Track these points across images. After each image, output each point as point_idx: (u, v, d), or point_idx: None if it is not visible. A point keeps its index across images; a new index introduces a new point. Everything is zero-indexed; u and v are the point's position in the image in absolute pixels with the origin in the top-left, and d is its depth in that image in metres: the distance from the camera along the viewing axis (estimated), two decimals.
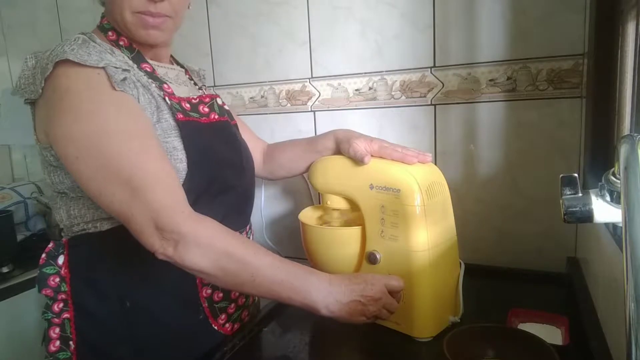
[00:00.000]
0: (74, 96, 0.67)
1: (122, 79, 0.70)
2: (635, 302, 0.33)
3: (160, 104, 0.76)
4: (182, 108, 0.79)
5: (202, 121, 0.82)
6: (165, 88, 0.79)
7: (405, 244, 0.77)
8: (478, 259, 1.08)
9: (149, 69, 0.80)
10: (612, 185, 0.49)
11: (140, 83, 0.75)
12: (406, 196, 0.76)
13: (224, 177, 0.82)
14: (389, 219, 0.78)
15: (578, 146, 1.00)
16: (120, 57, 0.77)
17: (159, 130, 0.74)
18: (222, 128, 0.87)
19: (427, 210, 0.76)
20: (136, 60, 0.79)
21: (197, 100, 0.83)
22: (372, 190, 0.80)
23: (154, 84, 0.78)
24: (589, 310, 0.75)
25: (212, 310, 0.81)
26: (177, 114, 0.77)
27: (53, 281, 0.77)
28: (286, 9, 1.24)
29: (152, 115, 0.74)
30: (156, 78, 0.80)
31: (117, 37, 0.80)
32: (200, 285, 0.79)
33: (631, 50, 0.75)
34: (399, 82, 1.15)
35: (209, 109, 0.85)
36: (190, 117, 0.79)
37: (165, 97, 0.77)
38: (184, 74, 0.92)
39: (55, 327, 0.77)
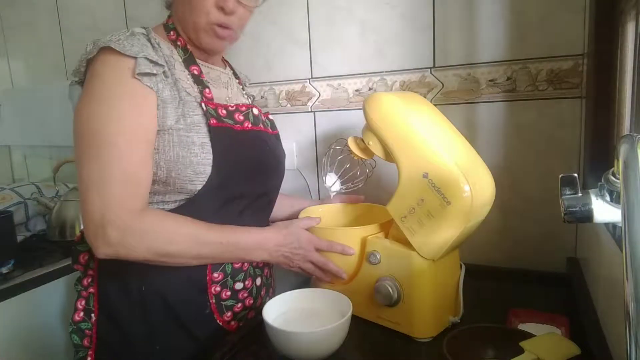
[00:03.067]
0: (99, 80, 0.74)
1: (149, 72, 0.74)
2: (635, 302, 0.33)
3: (188, 101, 0.80)
4: (218, 114, 0.82)
5: (236, 128, 0.85)
6: (206, 93, 0.83)
7: (417, 244, 0.77)
8: (478, 259, 1.08)
9: (197, 72, 0.85)
10: (612, 185, 0.49)
11: (174, 79, 0.79)
12: (452, 214, 0.73)
13: (247, 183, 0.86)
14: (420, 214, 0.76)
15: (578, 146, 1.00)
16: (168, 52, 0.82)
17: (182, 123, 0.78)
18: (255, 136, 0.89)
19: (460, 233, 0.75)
20: (187, 61, 0.84)
21: (234, 108, 0.87)
22: (424, 179, 0.75)
23: (197, 88, 0.83)
24: (589, 310, 0.76)
25: (218, 306, 0.83)
26: (211, 120, 0.80)
27: (83, 258, 0.85)
28: (286, 9, 1.24)
29: (176, 110, 0.78)
30: (200, 82, 0.84)
31: (177, 37, 0.85)
32: (210, 282, 0.82)
33: (631, 51, 0.75)
34: (398, 82, 1.15)
35: (244, 118, 0.88)
36: (224, 123, 0.83)
37: (202, 102, 0.81)
38: (227, 77, 0.95)
39: (82, 299, 0.85)
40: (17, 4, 1.74)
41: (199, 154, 0.78)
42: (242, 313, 0.87)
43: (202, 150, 0.78)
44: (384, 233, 0.87)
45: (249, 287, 0.88)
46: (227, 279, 0.84)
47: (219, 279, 0.83)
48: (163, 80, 0.78)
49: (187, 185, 0.78)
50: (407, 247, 0.78)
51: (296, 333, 0.70)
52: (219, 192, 0.81)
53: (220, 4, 0.81)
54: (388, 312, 0.81)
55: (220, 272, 0.83)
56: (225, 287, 0.84)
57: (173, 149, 0.77)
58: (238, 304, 0.86)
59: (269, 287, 0.96)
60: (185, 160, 0.77)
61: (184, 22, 0.84)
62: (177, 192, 0.79)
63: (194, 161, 0.78)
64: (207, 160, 0.79)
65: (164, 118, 0.77)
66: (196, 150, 0.78)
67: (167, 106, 0.77)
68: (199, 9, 0.81)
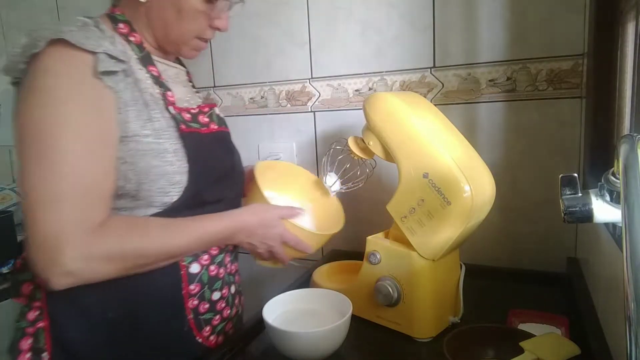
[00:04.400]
0: (51, 78, 0.64)
1: (110, 71, 0.66)
2: (635, 302, 0.33)
3: (152, 104, 0.72)
4: (184, 119, 0.76)
5: (203, 132, 0.79)
6: (169, 96, 0.76)
7: (417, 244, 0.77)
8: (478, 260, 1.08)
9: (156, 73, 0.77)
10: (612, 185, 0.49)
11: (134, 78, 0.71)
12: (453, 214, 0.73)
13: (220, 187, 0.81)
14: (420, 214, 0.76)
15: (578, 146, 1.00)
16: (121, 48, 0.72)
17: (149, 129, 0.70)
18: (222, 138, 0.85)
19: (460, 233, 0.75)
20: (144, 61, 0.75)
21: (197, 110, 0.81)
22: (424, 179, 0.75)
23: (159, 90, 0.75)
24: (589, 310, 0.75)
25: (197, 322, 0.77)
26: (181, 125, 0.74)
27: (27, 288, 0.73)
28: (286, 9, 1.24)
29: (140, 114, 0.69)
30: (162, 84, 0.76)
31: (129, 32, 0.76)
32: (187, 296, 0.75)
33: (631, 51, 0.75)
34: (399, 82, 1.15)
35: (209, 119, 0.82)
36: (192, 127, 0.77)
37: (169, 106, 0.74)
38: (184, 74, 0.89)
39: (27, 337, 0.71)
40: (17, 5, 1.74)
41: (173, 162, 0.71)
42: (220, 326, 0.82)
43: (177, 158, 0.71)
44: (384, 233, 0.87)
45: (225, 295, 0.83)
46: (205, 289, 0.78)
47: (196, 291, 0.76)
48: (124, 79, 0.69)
49: (162, 198, 0.71)
50: (407, 247, 0.78)
51: (296, 333, 0.70)
52: (194, 201, 0.74)
53: (217, 25, 0.78)
54: (388, 312, 0.81)
55: (197, 283, 0.77)
56: (203, 300, 0.78)
57: (143, 159, 0.68)
58: (216, 316, 0.80)
59: (240, 295, 0.91)
60: (158, 170, 0.69)
61: (157, 27, 0.76)
62: (148, 205, 0.71)
63: (169, 170, 0.70)
64: (182, 169, 0.71)
65: (127, 123, 0.68)
66: (170, 158, 0.70)
67: (129, 110, 0.68)
68: (191, 25, 0.76)
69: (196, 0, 0.74)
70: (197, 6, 0.75)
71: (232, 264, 0.87)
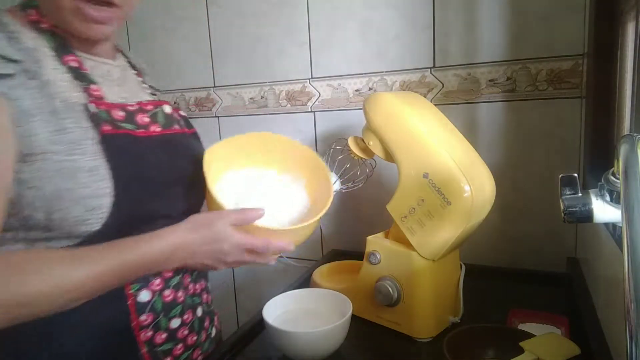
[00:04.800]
0: None
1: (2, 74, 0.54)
2: (635, 302, 0.33)
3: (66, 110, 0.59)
4: (112, 117, 0.63)
5: (138, 134, 0.65)
6: (93, 90, 0.63)
7: (417, 244, 0.77)
8: (478, 259, 1.08)
9: (75, 64, 0.63)
10: (612, 185, 0.49)
11: (42, 81, 0.58)
12: (453, 214, 0.73)
13: (161, 202, 0.67)
14: (420, 214, 0.76)
15: (578, 146, 1.00)
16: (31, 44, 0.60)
17: (60, 144, 0.57)
18: (168, 142, 0.70)
19: (460, 233, 0.75)
20: (59, 50, 0.62)
21: (136, 108, 0.68)
22: (424, 179, 0.75)
23: (79, 85, 0.62)
24: (589, 310, 0.75)
25: (152, 355, 0.66)
26: (103, 125, 0.61)
27: None
28: (286, 9, 1.24)
29: (47, 124, 0.56)
30: (83, 76, 0.63)
31: (38, 19, 0.63)
32: (137, 329, 0.64)
33: (631, 51, 0.75)
34: (399, 82, 1.15)
35: (150, 119, 0.69)
36: (122, 129, 0.63)
37: (90, 103, 0.61)
38: (119, 70, 0.73)
39: None
40: None
41: (89, 183, 0.57)
42: (185, 355, 0.71)
43: (93, 178, 0.58)
44: (384, 233, 0.87)
45: (188, 321, 0.72)
46: (160, 318, 0.67)
47: (149, 321, 0.65)
48: (24, 83, 0.56)
49: (79, 227, 0.58)
50: (407, 247, 0.78)
51: (296, 333, 0.70)
52: (127, 224, 0.62)
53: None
54: (388, 312, 0.81)
55: (149, 312, 0.65)
56: (159, 329, 0.67)
57: (52, 181, 0.56)
58: (178, 345, 0.70)
59: (212, 315, 0.81)
60: (71, 195, 0.56)
61: (45, 4, 0.62)
62: (66, 237, 0.58)
63: (83, 194, 0.57)
64: (102, 190, 0.58)
65: (31, 137, 0.55)
66: (85, 179, 0.57)
67: (32, 120, 0.55)
68: None
69: None
70: None
71: (196, 284, 0.75)
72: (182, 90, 1.44)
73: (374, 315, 0.84)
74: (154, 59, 1.45)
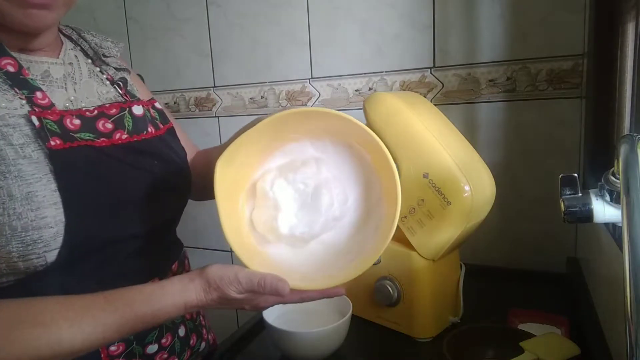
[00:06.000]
0: None
1: None
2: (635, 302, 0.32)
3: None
4: (64, 128, 0.53)
5: (98, 144, 0.56)
6: (37, 99, 0.54)
7: (417, 244, 0.77)
8: (478, 259, 1.08)
9: (13, 68, 0.54)
10: (612, 185, 0.49)
11: None
12: (453, 214, 0.72)
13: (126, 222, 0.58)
14: (420, 214, 0.75)
15: (578, 146, 1.00)
16: None
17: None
18: (134, 151, 0.60)
19: (460, 233, 0.75)
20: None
21: (96, 113, 0.58)
22: (424, 179, 0.74)
23: (18, 95, 0.53)
24: (589, 310, 0.76)
25: None
26: (52, 139, 0.51)
27: None
28: (286, 9, 1.24)
29: None
30: (23, 83, 0.54)
31: None
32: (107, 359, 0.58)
33: (631, 51, 0.75)
34: (398, 82, 1.15)
35: (114, 125, 0.59)
36: (77, 140, 0.54)
37: (33, 115, 0.51)
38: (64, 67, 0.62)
39: None
40: None
41: (23, 213, 0.48)
42: None
43: (29, 207, 0.48)
44: None
45: (167, 344, 0.65)
46: (133, 346, 0.60)
47: (119, 351, 0.59)
48: None
49: (19, 264, 0.49)
50: (407, 247, 0.78)
51: (296, 333, 0.70)
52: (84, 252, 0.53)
53: None
54: (388, 312, 0.81)
55: (119, 343, 0.59)
56: (134, 357, 0.60)
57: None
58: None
59: (200, 329, 0.74)
60: (5, 229, 0.48)
61: None
62: (8, 274, 0.50)
63: (17, 227, 0.48)
64: (43, 221, 0.49)
65: None
66: (18, 209, 0.48)
67: None
68: None
69: None
70: None
71: None
72: (182, 90, 1.44)
73: (374, 315, 0.84)
74: (154, 59, 1.45)
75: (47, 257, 0.50)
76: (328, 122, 0.55)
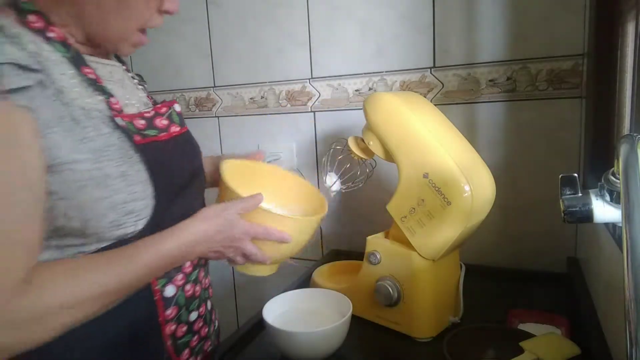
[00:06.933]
0: None
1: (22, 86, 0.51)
2: (635, 302, 0.33)
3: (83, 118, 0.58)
4: (136, 128, 0.64)
5: (161, 138, 0.67)
6: (113, 103, 0.62)
7: (417, 244, 0.77)
8: (478, 259, 1.08)
9: (93, 75, 0.62)
10: (612, 185, 0.49)
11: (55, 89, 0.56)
12: (453, 214, 0.73)
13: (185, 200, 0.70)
14: (420, 214, 0.76)
15: (578, 146, 1.00)
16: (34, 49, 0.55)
17: (85, 153, 0.56)
18: (184, 141, 0.73)
19: (460, 233, 0.75)
20: (76, 62, 0.60)
21: (152, 113, 0.68)
22: (424, 179, 0.75)
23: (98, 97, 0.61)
24: (589, 310, 0.76)
25: (175, 348, 0.70)
26: (135, 137, 0.62)
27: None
28: (286, 9, 1.24)
29: (69, 134, 0.55)
30: (102, 89, 0.62)
31: (46, 26, 0.58)
32: (164, 323, 0.67)
33: (631, 51, 0.75)
34: (399, 82, 1.15)
35: (168, 121, 0.70)
36: (148, 137, 0.65)
37: (115, 117, 0.61)
38: (120, 70, 0.72)
39: None
40: None
41: (121, 188, 0.58)
42: (198, 346, 0.75)
43: (125, 183, 0.59)
44: (384, 233, 0.87)
45: (203, 313, 0.76)
46: (182, 311, 0.70)
47: (173, 315, 0.68)
48: (41, 93, 0.53)
49: (114, 232, 0.59)
50: (407, 247, 0.78)
51: (296, 333, 0.70)
52: (159, 225, 0.64)
53: (167, 7, 0.64)
54: (388, 312, 0.81)
55: (174, 306, 0.68)
56: (181, 322, 0.70)
57: (82, 190, 0.56)
58: (194, 337, 0.73)
59: (214, 309, 0.84)
60: (105, 203, 0.57)
61: (91, 21, 0.61)
62: (98, 241, 0.59)
63: (117, 200, 0.58)
64: (135, 195, 0.60)
65: (52, 149, 0.53)
66: (117, 185, 0.58)
67: (53, 131, 0.54)
68: (136, 13, 0.62)
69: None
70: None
71: (206, 278, 0.79)
72: (182, 90, 1.44)
73: (374, 315, 0.84)
74: (154, 59, 1.45)
75: (137, 225, 0.61)
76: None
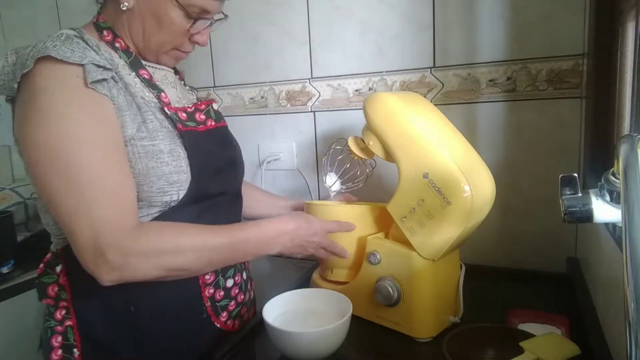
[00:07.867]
0: (47, 96, 0.65)
1: (101, 79, 0.68)
2: (635, 302, 0.33)
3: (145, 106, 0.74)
4: (180, 118, 0.78)
5: (200, 129, 0.81)
6: (163, 97, 0.78)
7: (417, 244, 0.77)
8: (478, 260, 1.08)
9: (147, 76, 0.78)
10: (612, 185, 0.49)
11: (123, 83, 0.73)
12: (453, 214, 0.73)
13: (221, 180, 0.83)
14: (420, 214, 0.76)
15: (578, 146, 1.00)
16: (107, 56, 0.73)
17: (144, 131, 0.72)
18: (220, 134, 0.87)
19: (460, 233, 0.75)
20: (134, 65, 0.78)
21: (193, 109, 0.83)
22: (424, 179, 0.75)
23: (152, 92, 0.77)
24: (589, 310, 0.76)
25: (214, 309, 0.82)
26: (178, 124, 0.76)
27: (52, 290, 0.77)
28: (286, 9, 1.24)
29: (135, 117, 0.72)
30: (154, 86, 0.78)
31: (114, 38, 0.78)
32: (203, 286, 0.80)
33: (631, 51, 0.75)
34: (398, 82, 1.15)
35: (205, 116, 0.84)
36: (188, 126, 0.79)
37: (164, 108, 0.76)
38: (172, 76, 0.88)
39: (57, 335, 0.76)
40: (17, 4, 1.74)
41: (169, 162, 0.73)
42: (235, 310, 0.87)
43: (173, 158, 0.73)
44: (384, 233, 0.87)
45: (238, 282, 0.87)
46: (219, 278, 0.83)
47: (211, 280, 0.81)
48: (115, 85, 0.71)
49: (161, 198, 0.73)
50: (407, 247, 0.78)
51: (296, 333, 0.70)
52: (195, 199, 0.77)
53: (197, 39, 0.80)
54: (388, 312, 0.81)
55: (212, 272, 0.81)
56: (218, 287, 0.82)
57: (140, 161, 0.71)
58: (231, 302, 0.85)
59: (251, 281, 0.96)
60: (156, 172, 0.72)
61: (137, 35, 0.78)
62: (149, 206, 0.74)
63: (165, 171, 0.72)
64: (180, 168, 0.74)
65: (124, 128, 0.70)
66: (166, 159, 0.73)
67: (124, 114, 0.70)
68: (170, 37, 0.78)
69: (176, 15, 0.75)
70: (176, 21, 0.76)
71: None
72: None
73: (374, 315, 0.84)
74: None
75: (179, 195, 0.74)
76: None
